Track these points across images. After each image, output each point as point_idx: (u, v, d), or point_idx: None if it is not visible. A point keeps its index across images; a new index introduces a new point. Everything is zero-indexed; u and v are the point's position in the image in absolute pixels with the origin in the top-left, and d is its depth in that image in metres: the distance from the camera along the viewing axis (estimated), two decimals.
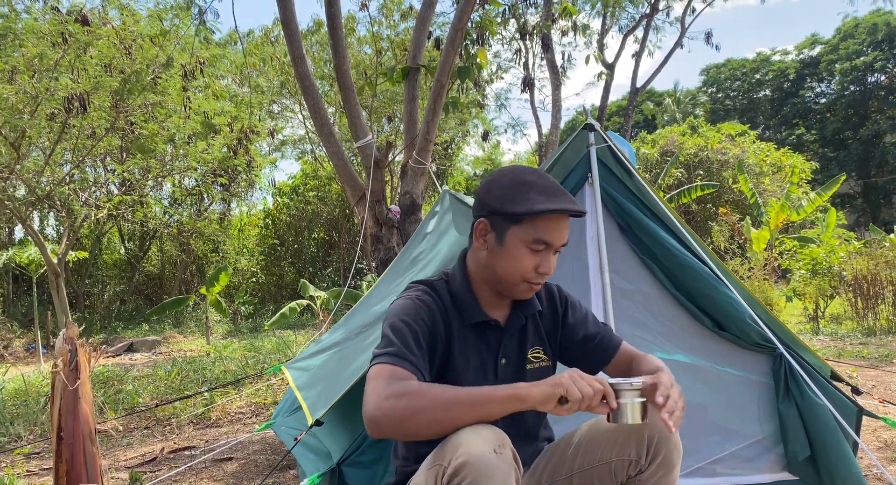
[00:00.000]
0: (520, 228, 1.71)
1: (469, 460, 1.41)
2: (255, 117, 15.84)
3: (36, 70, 9.99)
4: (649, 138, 22.61)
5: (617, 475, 1.75)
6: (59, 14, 10.12)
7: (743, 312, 3.16)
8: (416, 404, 1.47)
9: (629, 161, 3.29)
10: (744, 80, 42.46)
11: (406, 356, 1.61)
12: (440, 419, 1.48)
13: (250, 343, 11.59)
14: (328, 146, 6.49)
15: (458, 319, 1.80)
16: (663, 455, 1.72)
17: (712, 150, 20.22)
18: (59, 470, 2.64)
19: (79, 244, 17.24)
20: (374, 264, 6.30)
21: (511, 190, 1.73)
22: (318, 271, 20.91)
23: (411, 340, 1.65)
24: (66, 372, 2.64)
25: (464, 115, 17.50)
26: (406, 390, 1.50)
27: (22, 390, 7.30)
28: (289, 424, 3.98)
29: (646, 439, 1.71)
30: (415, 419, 1.46)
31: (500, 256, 1.75)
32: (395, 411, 1.47)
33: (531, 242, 1.70)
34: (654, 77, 19.17)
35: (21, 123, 9.88)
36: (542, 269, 1.72)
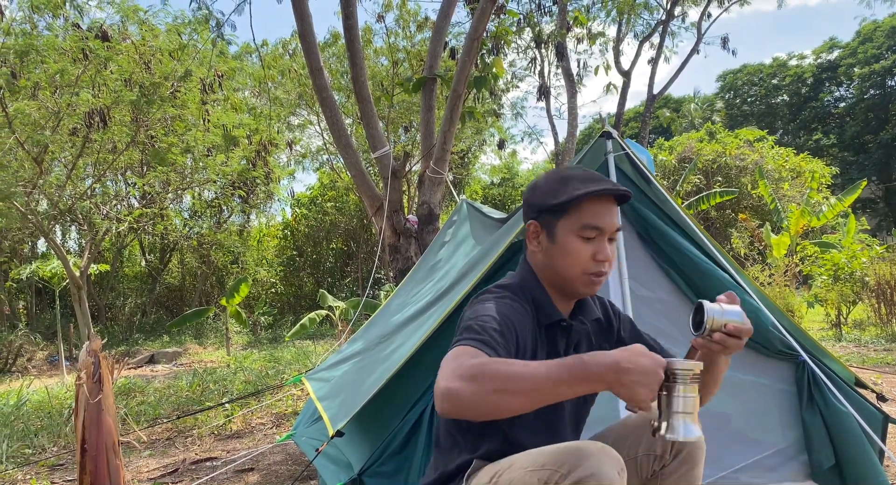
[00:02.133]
0: (567, 219, 1.71)
1: (597, 474, 1.41)
2: (274, 129, 15.95)
3: (57, 86, 10.14)
4: (667, 145, 22.51)
5: (642, 470, 1.78)
6: (79, 30, 10.27)
7: (765, 319, 3.13)
8: (496, 387, 1.38)
9: (647, 169, 3.29)
10: (761, 85, 42.21)
11: (489, 342, 1.54)
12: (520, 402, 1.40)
13: (270, 354, 11.63)
14: (346, 157, 6.52)
15: (536, 320, 1.77)
16: (687, 451, 1.76)
17: (730, 156, 20.10)
18: (84, 482, 2.66)
19: (100, 257, 17.41)
20: (392, 274, 6.31)
21: (553, 184, 1.75)
22: (336, 282, 20.96)
23: (495, 332, 1.58)
24: (90, 385, 2.66)
25: (480, 124, 17.52)
26: (481, 369, 1.41)
27: (46, 402, 7.36)
28: (310, 434, 3.99)
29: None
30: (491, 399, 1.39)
31: (555, 253, 1.74)
32: (477, 391, 1.38)
33: (581, 230, 1.69)
34: (670, 83, 19.14)
35: (43, 139, 10.02)
36: (600, 256, 1.69)
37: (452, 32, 15.09)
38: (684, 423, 1.47)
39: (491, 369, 1.41)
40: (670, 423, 1.48)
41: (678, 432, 1.47)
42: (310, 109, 18.14)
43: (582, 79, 16.73)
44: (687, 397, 1.47)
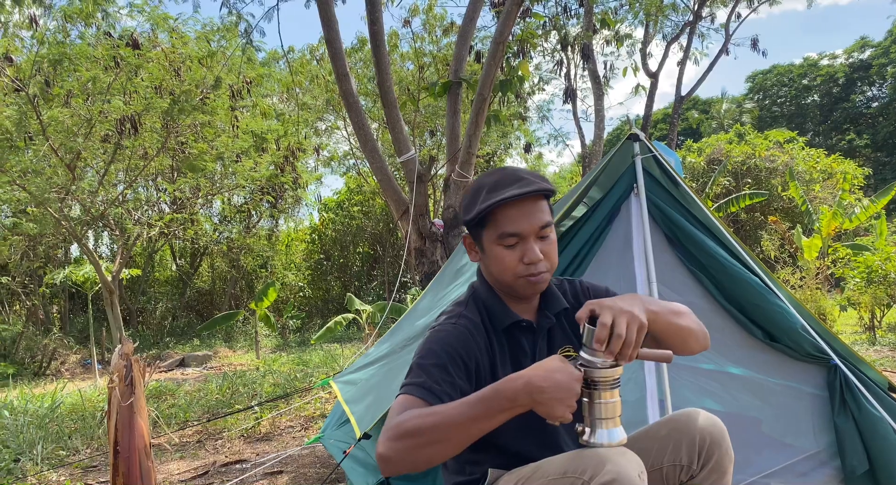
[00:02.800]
0: (486, 230, 1.73)
1: (619, 479, 1.42)
2: (301, 135, 16.08)
3: (89, 94, 10.31)
4: (695, 147, 22.30)
5: (668, 481, 1.76)
6: (111, 39, 10.45)
7: (795, 322, 3.10)
8: (421, 442, 1.45)
9: (675, 171, 3.26)
10: (791, 85, 41.68)
11: (428, 386, 1.59)
12: (444, 449, 1.47)
13: (298, 357, 11.71)
14: (372, 161, 6.57)
15: (492, 327, 1.80)
16: (715, 460, 1.72)
17: (760, 157, 19.86)
18: (116, 483, 2.70)
19: (132, 262, 17.66)
20: (419, 278, 6.33)
21: (468, 198, 1.77)
22: (363, 285, 21.07)
23: (437, 370, 1.63)
24: (122, 388, 2.71)
25: (506, 127, 17.51)
26: (400, 429, 1.47)
27: (79, 404, 7.48)
28: (337, 437, 4.01)
29: (697, 443, 1.71)
30: (424, 454, 1.45)
31: (488, 263, 1.77)
32: (406, 449, 1.45)
33: (499, 240, 1.70)
34: (698, 85, 18.95)
35: (76, 145, 10.20)
36: (528, 258, 1.69)
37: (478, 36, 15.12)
38: (608, 428, 1.48)
39: (409, 426, 1.46)
40: (594, 429, 1.49)
41: (602, 437, 1.48)
42: (337, 114, 18.26)
43: (609, 81, 16.66)
44: (608, 403, 1.47)
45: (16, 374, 12.37)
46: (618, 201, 3.16)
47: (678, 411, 1.82)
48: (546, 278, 1.75)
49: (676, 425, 1.77)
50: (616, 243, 3.19)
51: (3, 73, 9.73)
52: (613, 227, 3.19)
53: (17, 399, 8.07)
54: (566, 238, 3.10)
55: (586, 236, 3.10)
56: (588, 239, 3.10)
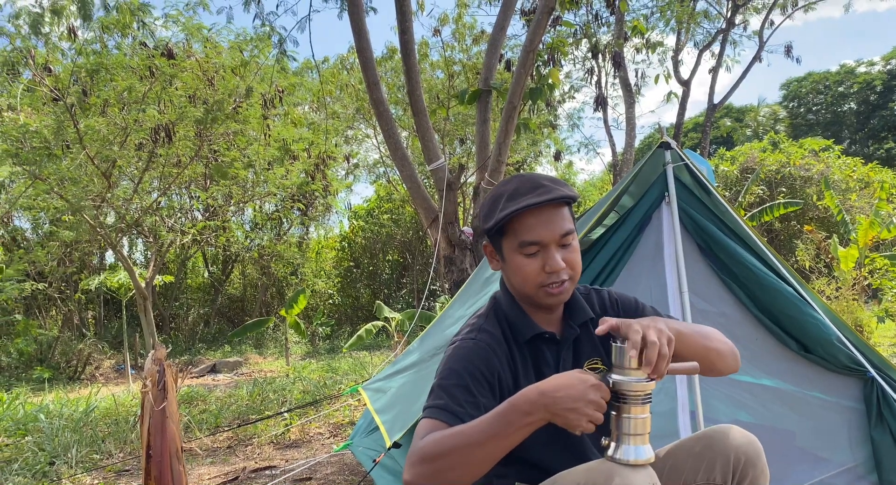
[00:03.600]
0: (506, 239, 1.71)
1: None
2: (332, 143, 16.21)
3: (125, 103, 10.49)
4: (728, 155, 22.06)
5: None
6: (146, 49, 10.63)
7: (830, 333, 3.04)
8: (445, 465, 1.46)
9: (707, 179, 3.23)
10: (827, 93, 41.06)
11: (449, 408, 1.59)
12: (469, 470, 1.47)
13: (328, 364, 11.76)
14: (401, 169, 6.59)
15: (513, 339, 1.78)
16: (750, 479, 1.68)
17: (795, 166, 19.58)
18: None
19: (165, 269, 17.91)
20: (448, 286, 6.33)
21: (487, 208, 1.74)
22: (392, 293, 21.12)
23: (458, 390, 1.63)
24: (155, 392, 2.74)
25: (536, 135, 17.47)
26: (424, 453, 1.49)
27: (112, 409, 7.59)
28: (366, 444, 4.02)
29: (732, 462, 1.67)
30: (449, 476, 1.46)
31: (509, 272, 1.76)
32: (431, 472, 1.47)
33: (520, 248, 1.68)
34: (731, 92, 18.82)
35: (111, 154, 10.38)
36: (549, 267, 1.67)
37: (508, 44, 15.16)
38: (634, 445, 1.45)
39: (430, 449, 1.48)
40: (619, 444, 1.46)
41: (628, 454, 1.45)
42: (367, 123, 18.37)
43: (640, 89, 16.55)
44: (637, 419, 1.45)
45: (51, 378, 12.59)
46: (649, 210, 3.14)
47: (713, 427, 1.79)
48: (569, 288, 1.72)
49: (711, 442, 1.72)
50: (647, 252, 3.17)
51: (43, 83, 9.94)
52: (644, 235, 3.16)
53: (52, 403, 8.21)
54: (597, 247, 3.08)
55: (617, 245, 3.07)
56: (619, 248, 3.07)
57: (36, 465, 5.34)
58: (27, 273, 12.83)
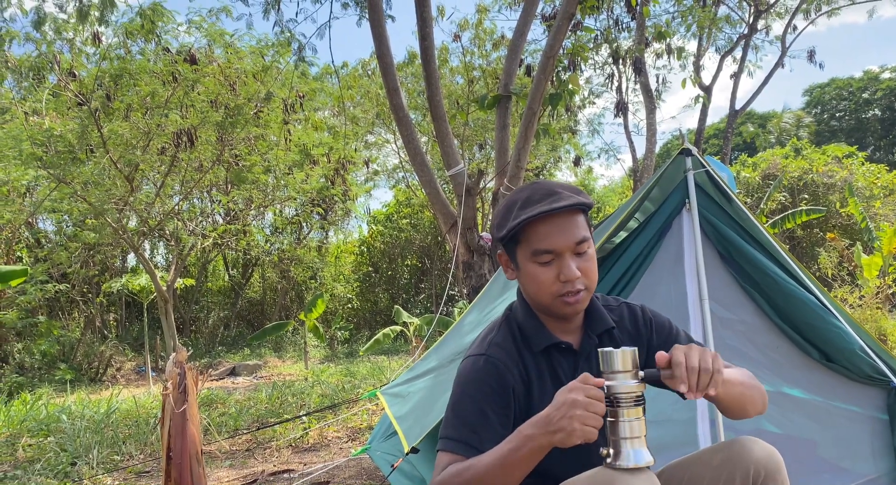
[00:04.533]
0: (520, 247, 1.68)
1: None
2: (352, 148, 16.28)
3: (148, 107, 10.62)
4: (750, 162, 21.89)
5: None
6: (169, 54, 10.75)
7: (853, 342, 3.01)
8: None
9: (728, 186, 3.21)
10: (850, 99, 40.64)
11: (463, 437, 1.60)
12: None
13: (346, 368, 11.79)
14: (421, 175, 6.61)
15: (527, 349, 1.76)
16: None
17: (817, 172, 19.38)
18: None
19: (186, 272, 18.06)
20: (466, 291, 6.33)
21: (501, 216, 1.72)
22: (410, 298, 21.16)
23: (472, 416, 1.63)
24: (175, 395, 2.77)
25: (556, 140, 17.45)
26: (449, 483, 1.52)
27: (133, 411, 7.65)
28: (384, 449, 4.02)
29: (751, 476, 1.63)
30: None
31: (524, 281, 1.73)
32: None
33: (534, 257, 1.65)
34: (753, 98, 18.63)
35: (134, 158, 10.51)
36: (564, 276, 1.63)
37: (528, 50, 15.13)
38: (632, 449, 1.44)
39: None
40: (618, 450, 1.45)
41: (628, 458, 1.44)
42: (387, 128, 18.45)
43: (661, 94, 16.48)
44: (632, 422, 1.44)
45: (74, 379, 12.73)
46: (669, 217, 3.12)
47: (733, 439, 1.76)
48: (584, 297, 1.69)
49: (730, 454, 1.69)
50: (667, 259, 3.15)
51: (68, 88, 10.08)
52: (664, 243, 3.14)
53: (74, 404, 8.30)
54: (616, 253, 3.06)
55: (637, 252, 3.06)
56: (639, 255, 3.05)
57: (58, 465, 5.40)
58: (50, 275, 12.99)
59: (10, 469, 5.46)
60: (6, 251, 13.02)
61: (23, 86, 12.12)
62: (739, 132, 36.44)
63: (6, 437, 6.61)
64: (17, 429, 6.90)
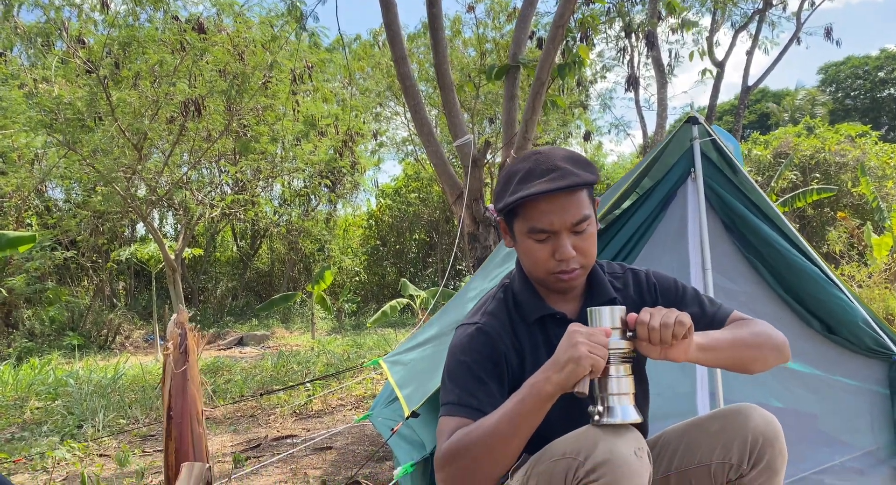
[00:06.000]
0: (518, 221, 1.65)
1: (612, 458, 1.40)
2: (360, 120, 16.21)
3: (156, 76, 10.58)
4: (762, 139, 21.67)
5: (716, 478, 1.66)
6: (178, 23, 10.68)
7: (856, 314, 2.99)
8: (470, 458, 1.47)
9: (734, 156, 3.18)
10: (866, 78, 40.09)
11: (463, 401, 1.59)
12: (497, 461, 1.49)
13: (353, 340, 11.87)
14: (428, 145, 6.57)
15: (520, 320, 1.75)
16: (767, 460, 1.62)
17: (830, 151, 19.18)
18: (169, 447, 2.78)
19: (194, 242, 18.13)
20: (472, 263, 6.33)
21: (500, 185, 1.69)
22: (418, 272, 21.21)
23: (469, 382, 1.62)
24: (176, 355, 2.78)
25: (566, 115, 17.32)
26: (456, 445, 1.50)
27: (140, 377, 7.74)
28: (385, 415, 4.05)
29: (749, 443, 1.62)
30: (477, 470, 1.49)
31: (520, 252, 1.72)
32: (458, 471, 1.49)
33: (530, 233, 1.63)
34: (767, 74, 18.41)
35: (143, 127, 10.50)
36: (559, 255, 1.61)
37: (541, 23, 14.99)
38: (620, 405, 1.45)
39: (456, 447, 1.49)
40: (606, 406, 1.45)
41: (615, 414, 1.44)
42: (396, 100, 18.35)
43: (673, 69, 16.31)
44: (620, 378, 1.45)
45: (82, 346, 12.85)
46: (674, 186, 3.09)
47: (731, 406, 1.74)
48: (580, 274, 1.68)
49: (728, 421, 1.67)
50: (671, 228, 3.13)
51: (76, 55, 10.04)
52: (669, 211, 3.12)
53: (82, 370, 8.40)
54: (620, 222, 3.04)
55: (641, 220, 3.04)
56: (642, 223, 3.03)
57: (65, 427, 5.47)
58: (59, 242, 13.06)
59: (17, 431, 5.54)
60: (16, 218, 13.08)
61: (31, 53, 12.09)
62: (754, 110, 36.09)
63: (14, 399, 6.70)
64: (26, 392, 7.00)
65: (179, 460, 2.78)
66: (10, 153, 11.28)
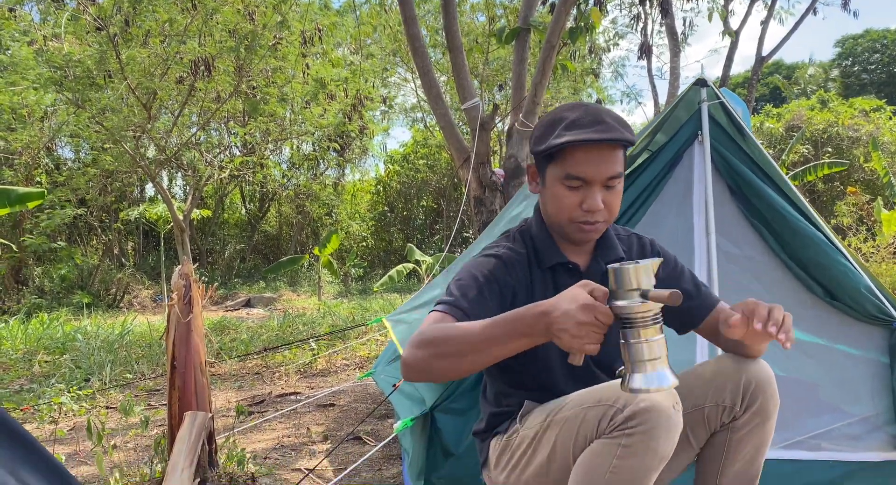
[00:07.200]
0: (554, 165, 1.66)
1: (653, 407, 1.41)
2: (370, 84, 16.12)
3: (167, 35, 10.52)
4: (774, 112, 21.47)
5: (710, 422, 1.72)
6: None
7: (859, 281, 2.99)
8: (437, 353, 1.45)
9: (742, 120, 3.16)
10: (884, 52, 39.50)
11: (458, 304, 1.58)
12: (460, 366, 1.46)
13: (359, 303, 11.94)
14: (436, 108, 6.54)
15: (536, 263, 1.77)
16: (759, 403, 1.67)
17: (843, 126, 18.99)
18: (172, 397, 2.83)
19: (203, 203, 18.17)
20: (478, 227, 6.34)
21: (544, 129, 1.69)
22: (425, 239, 21.24)
23: (471, 291, 1.62)
24: (181, 306, 2.81)
25: (577, 83, 17.17)
26: (423, 337, 1.48)
27: (147, 333, 7.82)
28: (388, 372, 4.09)
29: (742, 385, 1.67)
30: (439, 367, 1.46)
31: (546, 198, 1.73)
32: (423, 359, 1.47)
33: (564, 179, 1.64)
34: (781, 45, 18.14)
35: (152, 85, 10.47)
36: (587, 205, 1.63)
37: None
38: (653, 371, 1.31)
39: (429, 335, 1.47)
40: (634, 374, 1.32)
41: (649, 381, 1.31)
42: (405, 66, 18.22)
43: (687, 38, 16.09)
44: (650, 343, 1.31)
45: (91, 304, 12.97)
46: (680, 148, 3.08)
47: (727, 353, 1.79)
48: (601, 228, 1.71)
49: (721, 366, 1.72)
50: (675, 192, 3.12)
51: (87, 12, 9.98)
52: (674, 175, 3.11)
53: (90, 326, 8.49)
54: (626, 182, 3.03)
55: (646, 183, 3.03)
56: (647, 186, 3.03)
57: (72, 380, 5.55)
58: (68, 200, 13.13)
59: (26, 383, 5.63)
60: (26, 176, 13.12)
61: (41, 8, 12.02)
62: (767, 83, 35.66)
63: (23, 353, 6.80)
64: (34, 346, 7.09)
65: (183, 409, 2.82)
66: (20, 110, 11.27)
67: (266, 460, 3.47)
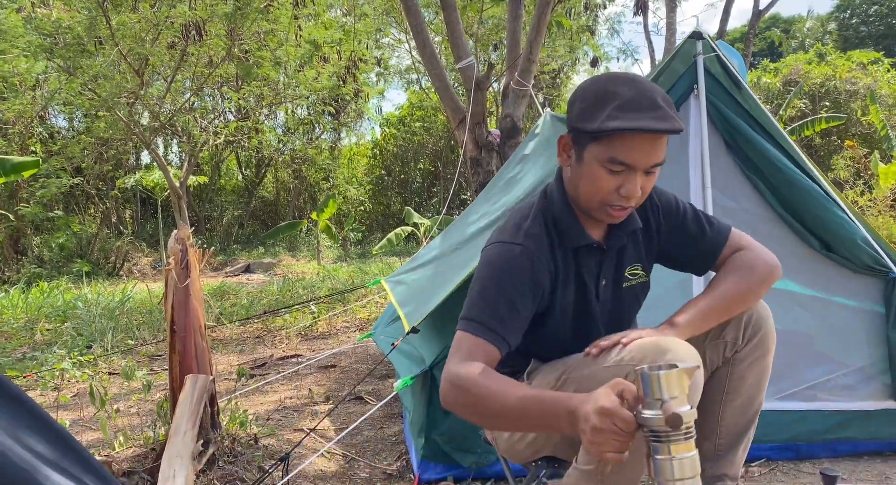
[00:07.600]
0: (597, 145, 1.55)
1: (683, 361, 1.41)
2: (363, 46, 15.92)
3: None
4: (772, 67, 21.26)
5: (713, 358, 1.76)
6: None
7: (855, 232, 2.99)
8: (469, 405, 1.46)
9: (739, 73, 3.13)
10: (882, 3, 38.97)
11: (490, 324, 1.54)
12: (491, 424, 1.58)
13: (358, 267, 11.97)
14: (430, 68, 6.48)
15: (560, 245, 1.70)
16: (760, 336, 1.73)
17: (840, 79, 18.81)
18: (173, 360, 2.85)
19: (199, 170, 18.08)
20: (474, 188, 6.32)
21: (589, 104, 1.56)
22: (423, 202, 21.21)
23: (502, 302, 1.57)
24: (178, 270, 2.82)
25: (573, 41, 16.95)
26: (467, 383, 1.45)
27: (147, 300, 7.85)
28: (387, 333, 4.13)
29: (743, 318, 1.72)
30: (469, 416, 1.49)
31: (580, 175, 1.62)
32: (456, 403, 1.49)
33: (607, 162, 1.53)
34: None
35: (144, 51, 10.33)
36: (625, 191, 1.55)
37: None
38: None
39: (464, 384, 1.46)
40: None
41: None
42: (399, 28, 17.98)
43: None
44: (680, 461, 1.14)
45: (91, 272, 13.00)
46: (676, 102, 3.05)
47: None
48: (630, 212, 1.65)
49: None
50: (671, 146, 3.08)
51: None
52: None
53: (90, 294, 8.51)
54: None
55: None
56: None
57: (74, 347, 5.59)
58: (64, 169, 13.06)
59: (28, 350, 5.67)
60: (20, 145, 13.03)
61: None
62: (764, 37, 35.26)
63: (25, 321, 6.83)
64: (36, 314, 7.11)
65: (184, 373, 2.84)
66: (10, 78, 11.15)
67: (268, 421, 3.51)
